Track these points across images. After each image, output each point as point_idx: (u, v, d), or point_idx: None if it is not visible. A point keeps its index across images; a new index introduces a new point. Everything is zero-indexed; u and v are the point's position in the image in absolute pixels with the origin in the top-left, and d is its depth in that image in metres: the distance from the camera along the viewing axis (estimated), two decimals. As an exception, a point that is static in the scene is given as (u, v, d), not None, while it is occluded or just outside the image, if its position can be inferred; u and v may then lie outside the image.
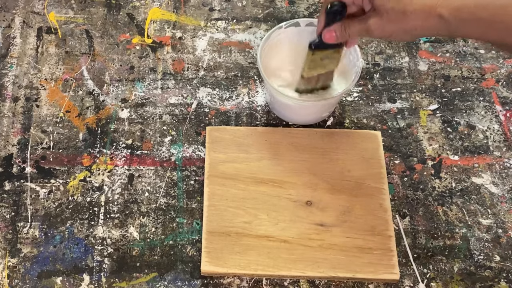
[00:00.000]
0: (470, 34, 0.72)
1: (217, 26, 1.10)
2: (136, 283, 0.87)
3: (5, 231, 0.91)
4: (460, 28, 0.71)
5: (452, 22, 0.70)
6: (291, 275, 0.87)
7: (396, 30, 0.75)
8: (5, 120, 1.00)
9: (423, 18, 0.72)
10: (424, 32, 0.75)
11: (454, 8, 0.70)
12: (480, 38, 0.73)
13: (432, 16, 0.71)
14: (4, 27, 1.10)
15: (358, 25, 0.78)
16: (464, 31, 0.72)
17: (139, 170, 0.96)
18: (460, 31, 0.72)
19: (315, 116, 0.99)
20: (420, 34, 0.75)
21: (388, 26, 0.75)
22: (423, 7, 0.71)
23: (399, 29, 0.75)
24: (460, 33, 0.73)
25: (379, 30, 0.76)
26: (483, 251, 0.90)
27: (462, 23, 0.71)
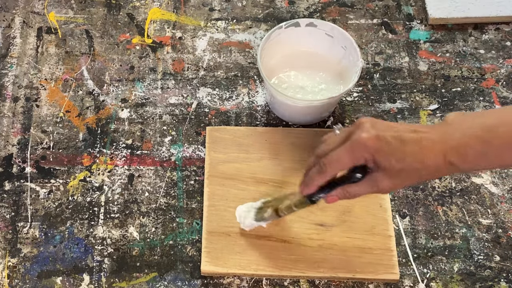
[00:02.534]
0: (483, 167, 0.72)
1: (217, 26, 1.10)
2: (136, 283, 0.87)
3: (5, 231, 0.91)
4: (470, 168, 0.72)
5: (460, 166, 0.70)
6: (291, 275, 0.87)
7: (407, 184, 0.75)
8: (5, 120, 1.00)
9: (434, 170, 0.71)
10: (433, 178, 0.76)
11: (462, 154, 0.68)
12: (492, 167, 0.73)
13: (444, 165, 0.69)
14: (4, 27, 1.10)
15: (365, 189, 0.75)
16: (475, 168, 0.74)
17: (139, 170, 0.96)
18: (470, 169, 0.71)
19: (315, 116, 0.99)
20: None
21: (399, 183, 0.73)
22: (435, 162, 0.69)
23: (410, 183, 0.74)
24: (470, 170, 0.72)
25: (389, 189, 0.74)
26: (483, 251, 0.90)
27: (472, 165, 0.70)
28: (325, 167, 0.73)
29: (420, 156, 0.69)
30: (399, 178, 0.72)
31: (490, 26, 1.10)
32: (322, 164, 0.74)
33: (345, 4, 1.13)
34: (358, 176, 0.73)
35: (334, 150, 0.73)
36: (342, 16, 1.11)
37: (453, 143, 0.68)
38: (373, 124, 0.71)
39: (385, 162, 0.70)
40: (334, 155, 0.73)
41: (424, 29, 1.10)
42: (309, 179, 0.76)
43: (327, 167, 0.73)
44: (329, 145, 0.74)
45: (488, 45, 1.08)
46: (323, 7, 1.12)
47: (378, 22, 1.11)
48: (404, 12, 1.12)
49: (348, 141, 0.72)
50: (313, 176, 0.75)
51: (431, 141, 0.69)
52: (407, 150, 0.69)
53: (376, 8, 1.13)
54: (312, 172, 0.75)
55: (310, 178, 0.76)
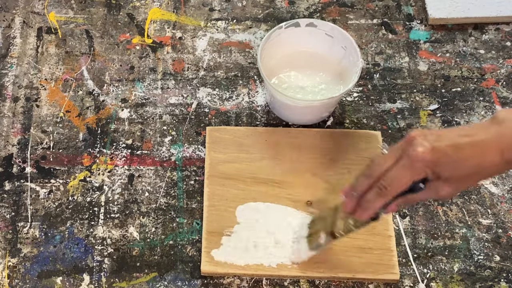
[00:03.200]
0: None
1: (217, 26, 1.10)
2: (136, 283, 0.87)
3: (5, 231, 0.91)
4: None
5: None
6: (291, 275, 0.87)
7: (467, 187, 0.75)
8: (5, 120, 1.00)
9: (493, 170, 0.70)
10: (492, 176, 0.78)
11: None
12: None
13: (502, 164, 0.69)
14: (4, 27, 1.10)
15: (426, 196, 0.74)
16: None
17: (139, 170, 0.96)
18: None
19: (315, 116, 0.99)
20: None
21: (459, 188, 0.73)
22: (493, 161, 0.69)
23: (470, 185, 0.75)
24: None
25: (450, 195, 0.73)
26: (483, 251, 0.90)
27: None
28: (385, 189, 0.72)
29: (477, 160, 0.69)
30: (460, 183, 0.71)
31: (490, 26, 1.10)
32: (381, 186, 0.72)
33: (345, 4, 1.13)
34: (421, 186, 0.72)
35: (391, 170, 0.71)
36: (342, 16, 1.11)
37: (509, 140, 0.68)
38: (425, 136, 0.70)
39: (445, 172, 0.70)
40: (393, 175, 0.71)
41: (424, 29, 1.10)
42: (368, 203, 0.73)
43: (388, 189, 0.71)
44: (382, 165, 0.72)
45: (488, 45, 1.08)
46: (323, 7, 1.12)
47: (378, 22, 1.11)
48: (404, 12, 1.12)
49: (405, 158, 0.70)
50: (373, 200, 0.73)
51: (486, 142, 0.68)
52: (464, 156, 0.69)
53: (376, 8, 1.13)
54: (371, 196, 0.73)
55: (370, 202, 0.73)
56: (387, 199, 0.73)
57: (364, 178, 0.74)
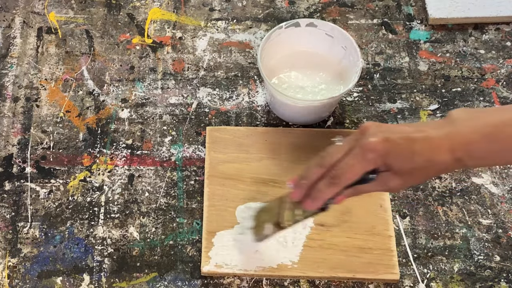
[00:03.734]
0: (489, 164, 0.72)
1: (217, 26, 1.10)
2: (136, 283, 0.87)
3: (5, 231, 0.91)
4: (478, 164, 0.73)
5: (468, 162, 0.70)
6: (291, 275, 0.87)
7: (416, 182, 0.74)
8: (5, 120, 1.00)
9: (443, 167, 0.71)
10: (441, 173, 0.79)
11: (469, 150, 0.68)
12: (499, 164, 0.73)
13: (452, 162, 0.69)
14: (4, 27, 1.10)
15: (375, 188, 0.74)
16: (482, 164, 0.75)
17: (139, 170, 0.96)
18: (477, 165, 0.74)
19: (315, 116, 0.99)
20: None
21: (409, 182, 0.73)
22: (444, 158, 0.69)
23: (420, 180, 0.74)
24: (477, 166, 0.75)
25: (399, 188, 0.74)
26: (483, 251, 0.90)
27: (479, 161, 0.71)
28: (336, 179, 0.71)
29: (428, 154, 0.69)
30: (409, 176, 0.72)
31: (490, 26, 1.10)
32: (333, 176, 0.72)
33: (345, 4, 1.13)
34: (372, 177, 0.72)
35: (343, 160, 0.71)
36: (342, 16, 1.11)
37: (460, 139, 0.68)
38: (379, 128, 0.71)
39: (395, 163, 0.70)
40: (345, 165, 0.71)
41: (424, 29, 1.10)
42: (318, 193, 0.73)
43: (339, 179, 0.71)
44: (335, 156, 0.72)
45: (488, 45, 1.08)
46: (323, 7, 1.12)
47: (378, 22, 1.11)
48: (404, 12, 1.12)
49: (357, 148, 0.71)
50: (323, 190, 0.73)
51: (438, 138, 0.69)
52: (416, 150, 0.69)
53: (376, 8, 1.13)
54: (322, 186, 0.73)
55: (320, 192, 0.73)
56: (337, 189, 0.73)
57: (316, 167, 0.74)
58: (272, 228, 0.81)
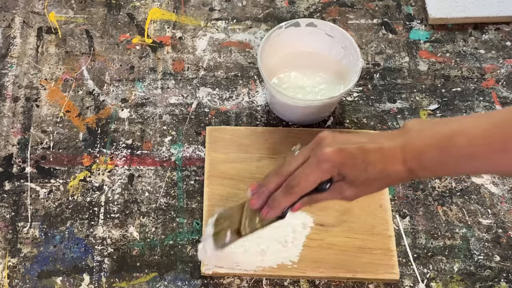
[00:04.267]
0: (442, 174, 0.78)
1: (217, 26, 1.10)
2: (136, 283, 0.87)
3: (5, 231, 0.91)
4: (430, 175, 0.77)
5: (420, 173, 0.71)
6: (291, 275, 0.87)
7: (370, 192, 0.75)
8: (5, 120, 1.00)
9: (396, 178, 0.72)
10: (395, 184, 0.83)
11: (421, 161, 0.69)
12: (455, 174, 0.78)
13: (405, 173, 0.70)
14: (4, 27, 1.10)
15: (330, 196, 0.75)
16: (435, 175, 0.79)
17: (139, 170, 0.96)
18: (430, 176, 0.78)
19: (315, 116, 0.99)
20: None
21: (363, 191, 0.74)
22: (396, 169, 0.70)
23: (373, 190, 0.75)
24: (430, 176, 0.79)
25: (353, 197, 0.75)
26: (483, 251, 0.90)
27: (431, 172, 0.73)
28: (292, 188, 0.73)
29: (381, 165, 0.70)
30: (363, 186, 0.73)
31: (490, 26, 1.10)
32: (289, 186, 0.74)
33: (345, 4, 1.13)
34: (326, 187, 0.74)
35: (299, 170, 0.73)
36: (342, 16, 1.11)
37: (412, 151, 0.69)
38: (334, 138, 0.72)
39: (350, 174, 0.72)
40: (301, 175, 0.73)
41: (424, 29, 1.10)
42: (275, 202, 0.75)
43: (295, 188, 0.73)
44: (292, 165, 0.74)
45: (488, 45, 1.08)
46: (323, 7, 1.12)
47: (378, 22, 1.11)
48: (404, 12, 1.12)
49: (312, 158, 0.72)
50: (280, 199, 0.75)
51: (391, 149, 0.70)
52: (369, 160, 0.70)
53: (376, 8, 1.13)
54: (279, 195, 0.75)
55: (277, 201, 0.75)
56: (294, 198, 0.74)
57: (273, 176, 0.76)
58: (231, 235, 0.81)
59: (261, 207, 0.77)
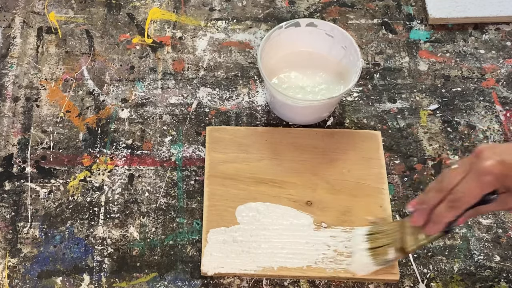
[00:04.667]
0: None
1: (217, 26, 1.10)
2: (136, 283, 0.87)
3: (5, 231, 0.91)
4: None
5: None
6: (291, 275, 0.87)
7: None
8: (5, 120, 1.00)
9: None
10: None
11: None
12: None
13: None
14: (4, 27, 1.10)
15: (495, 208, 0.76)
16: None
17: (139, 170, 0.96)
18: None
19: (315, 116, 0.99)
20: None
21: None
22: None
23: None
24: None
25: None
26: (483, 251, 0.90)
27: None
28: (455, 203, 0.73)
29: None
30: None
31: (490, 26, 1.10)
32: (452, 200, 0.73)
33: (345, 4, 1.13)
34: (492, 197, 0.73)
35: (460, 184, 0.72)
36: (342, 16, 1.11)
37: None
38: (493, 150, 0.71)
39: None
40: (463, 189, 0.72)
41: (424, 29, 1.10)
42: (439, 217, 0.75)
43: (458, 203, 0.73)
44: (452, 179, 0.73)
45: (488, 45, 1.08)
46: (323, 7, 1.12)
47: (378, 22, 1.11)
48: (404, 12, 1.12)
49: (473, 172, 0.71)
50: (443, 214, 0.74)
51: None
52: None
53: (376, 8, 1.13)
54: (442, 210, 0.74)
55: (440, 216, 0.75)
56: (457, 212, 0.74)
57: (435, 192, 0.75)
58: (395, 253, 0.81)
59: (424, 223, 0.77)
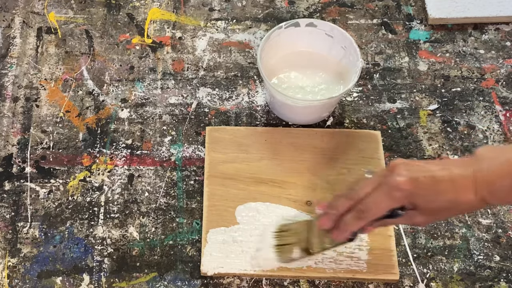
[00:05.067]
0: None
1: (217, 26, 1.10)
2: (136, 283, 0.87)
3: (5, 231, 0.91)
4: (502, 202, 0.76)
5: (492, 201, 0.70)
6: (291, 275, 0.87)
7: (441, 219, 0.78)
8: (5, 120, 1.00)
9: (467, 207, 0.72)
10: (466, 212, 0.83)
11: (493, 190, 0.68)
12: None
13: (476, 201, 0.70)
14: (4, 27, 1.10)
15: (401, 222, 0.78)
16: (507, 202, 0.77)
17: (139, 170, 0.96)
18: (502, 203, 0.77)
19: (315, 116, 0.99)
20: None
21: (433, 219, 0.76)
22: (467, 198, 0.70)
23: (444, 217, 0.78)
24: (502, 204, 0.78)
25: (424, 224, 0.77)
26: (483, 251, 0.90)
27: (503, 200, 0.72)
28: (363, 213, 0.74)
29: (453, 195, 0.70)
30: (434, 215, 0.73)
31: (490, 26, 1.10)
32: (359, 211, 0.74)
33: (345, 4, 1.13)
34: (399, 213, 0.74)
35: (370, 196, 0.73)
36: (342, 16, 1.11)
37: (483, 179, 0.69)
38: (406, 167, 0.72)
39: (421, 203, 0.72)
40: (372, 201, 0.73)
41: (424, 29, 1.10)
42: (346, 225, 0.76)
43: (366, 214, 0.74)
44: (363, 190, 0.74)
45: (488, 45, 1.08)
46: (323, 7, 1.13)
47: (378, 22, 1.11)
48: (404, 12, 1.12)
49: (384, 186, 0.72)
50: (350, 223, 0.75)
51: (462, 177, 0.70)
52: (440, 190, 0.70)
53: (376, 8, 1.13)
54: (349, 219, 0.75)
55: (347, 225, 0.76)
56: (364, 223, 0.75)
57: (344, 199, 0.76)
58: (300, 253, 0.82)
59: (330, 228, 0.78)
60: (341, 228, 0.76)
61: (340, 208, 0.76)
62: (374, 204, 0.73)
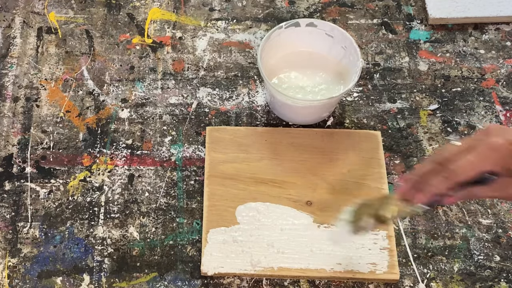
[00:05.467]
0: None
1: (217, 26, 1.10)
2: (136, 283, 0.87)
3: (5, 231, 0.91)
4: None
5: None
6: (291, 275, 0.87)
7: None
8: (5, 120, 1.00)
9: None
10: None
11: None
12: None
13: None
14: (4, 27, 1.10)
15: (491, 193, 0.71)
16: None
17: (139, 170, 0.96)
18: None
19: (315, 116, 0.99)
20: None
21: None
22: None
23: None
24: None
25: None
26: (483, 251, 0.90)
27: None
28: (453, 172, 0.68)
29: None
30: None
31: (490, 26, 1.10)
32: (449, 170, 0.69)
33: (345, 4, 1.13)
34: (490, 177, 0.69)
35: (462, 156, 0.68)
36: (342, 16, 1.11)
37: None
38: (503, 130, 0.68)
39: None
40: (465, 161, 0.68)
41: (424, 29, 1.10)
42: (429, 186, 0.71)
43: (456, 173, 0.68)
44: (453, 153, 0.69)
45: (488, 45, 1.08)
46: (323, 7, 1.12)
47: (378, 22, 1.11)
48: (404, 12, 1.12)
49: (479, 147, 0.68)
50: (433, 182, 0.70)
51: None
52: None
53: (376, 8, 1.13)
54: (434, 179, 0.70)
55: (429, 184, 0.70)
56: (450, 184, 0.69)
57: (430, 162, 0.71)
58: (371, 222, 0.78)
59: (409, 194, 0.73)
60: (422, 189, 0.71)
61: (422, 169, 0.71)
62: (466, 163, 0.67)
